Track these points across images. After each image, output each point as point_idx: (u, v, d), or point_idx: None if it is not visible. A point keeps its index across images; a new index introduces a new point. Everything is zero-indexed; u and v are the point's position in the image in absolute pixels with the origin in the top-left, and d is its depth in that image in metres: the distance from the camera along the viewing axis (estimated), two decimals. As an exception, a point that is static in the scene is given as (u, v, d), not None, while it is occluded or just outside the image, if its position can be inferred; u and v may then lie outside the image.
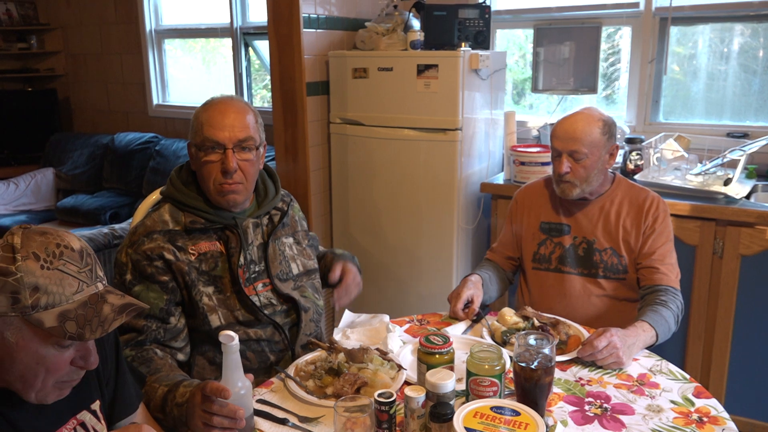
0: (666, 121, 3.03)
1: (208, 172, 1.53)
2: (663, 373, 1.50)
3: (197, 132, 1.54)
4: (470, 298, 1.80)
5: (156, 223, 1.54)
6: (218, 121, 1.52)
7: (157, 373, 1.41)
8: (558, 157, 1.87)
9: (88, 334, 0.96)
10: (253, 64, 4.26)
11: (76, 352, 1.00)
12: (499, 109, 3.08)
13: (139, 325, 1.48)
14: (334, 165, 3.14)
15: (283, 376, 1.47)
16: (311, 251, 1.78)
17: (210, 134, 1.51)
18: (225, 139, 1.51)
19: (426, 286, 2.94)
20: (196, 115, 1.56)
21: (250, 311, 1.56)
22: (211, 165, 1.53)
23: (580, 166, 1.84)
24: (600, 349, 1.49)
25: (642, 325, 1.61)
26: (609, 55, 3.15)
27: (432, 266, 2.91)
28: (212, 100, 1.57)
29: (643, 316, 1.65)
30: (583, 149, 1.82)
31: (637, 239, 1.87)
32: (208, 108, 1.55)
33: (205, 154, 1.52)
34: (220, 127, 1.51)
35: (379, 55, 2.87)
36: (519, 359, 1.30)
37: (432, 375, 1.25)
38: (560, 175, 1.86)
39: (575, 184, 1.86)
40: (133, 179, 4.45)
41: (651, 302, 1.72)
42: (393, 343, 1.59)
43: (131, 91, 4.80)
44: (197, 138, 1.54)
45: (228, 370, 1.22)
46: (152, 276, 1.49)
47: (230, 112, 1.53)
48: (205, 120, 1.53)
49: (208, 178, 1.54)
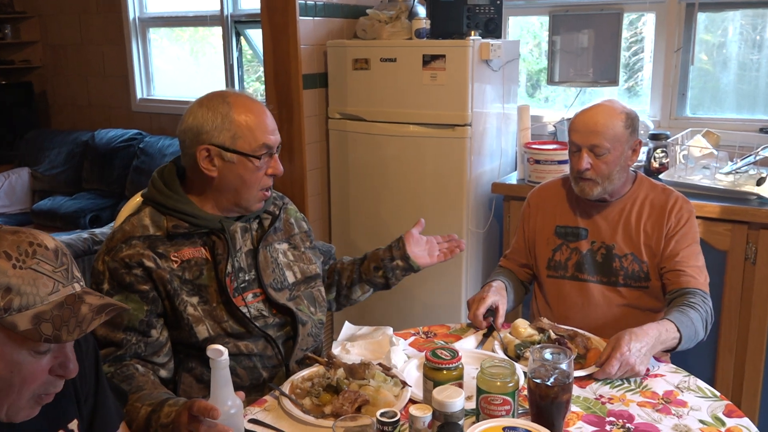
0: (693, 115, 3.03)
1: (257, 179, 1.56)
2: (691, 390, 1.50)
3: (242, 136, 1.51)
4: (495, 305, 1.79)
5: (135, 228, 1.53)
6: (266, 123, 1.55)
7: (140, 391, 1.40)
8: (577, 152, 1.87)
9: (65, 335, 0.96)
10: (245, 55, 4.26)
11: (53, 359, 1.01)
12: (512, 102, 3.08)
13: (118, 339, 1.48)
14: (333, 164, 3.14)
15: (277, 394, 1.47)
16: (313, 254, 1.78)
17: (266, 139, 1.54)
18: (276, 143, 1.56)
19: (432, 296, 2.94)
20: (223, 115, 1.51)
21: (239, 323, 1.56)
22: (261, 172, 1.56)
23: (602, 162, 1.84)
24: (614, 373, 1.50)
25: (664, 323, 1.60)
26: (631, 43, 3.14)
27: (439, 274, 2.91)
28: (237, 97, 1.54)
29: (668, 315, 1.64)
30: (605, 143, 1.82)
31: (659, 242, 1.87)
32: (245, 109, 1.53)
33: (260, 159, 1.54)
34: (270, 130, 1.55)
35: (382, 45, 2.87)
36: (534, 375, 1.30)
37: (439, 392, 1.25)
38: (579, 172, 1.86)
39: (596, 181, 1.86)
40: (115, 180, 4.46)
41: (678, 303, 1.72)
42: (397, 358, 1.59)
43: (113, 84, 4.81)
44: (243, 143, 1.52)
45: (217, 388, 1.21)
46: (131, 285, 1.49)
47: (266, 112, 1.57)
48: (255, 124, 1.53)
49: (254, 185, 1.56)
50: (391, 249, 1.83)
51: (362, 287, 1.86)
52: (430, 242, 1.86)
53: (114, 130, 4.64)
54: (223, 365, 1.21)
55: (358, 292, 1.86)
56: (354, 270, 1.85)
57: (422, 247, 1.85)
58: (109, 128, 4.70)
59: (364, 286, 1.86)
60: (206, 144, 1.52)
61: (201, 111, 1.53)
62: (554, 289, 1.99)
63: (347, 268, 1.87)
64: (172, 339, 1.55)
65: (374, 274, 1.83)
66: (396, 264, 1.82)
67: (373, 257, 1.85)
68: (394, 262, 1.82)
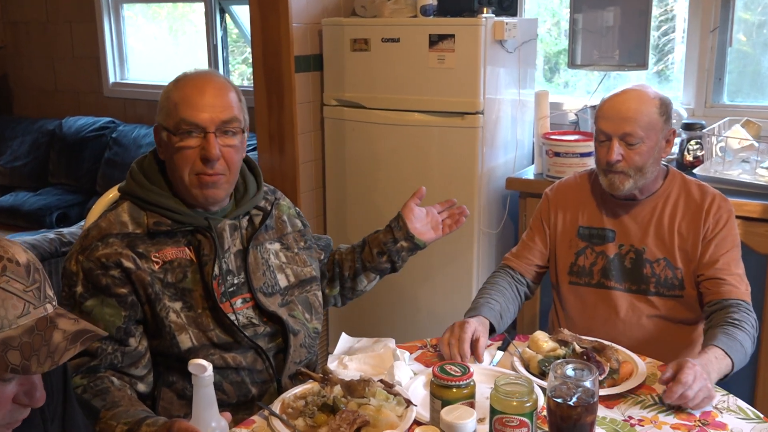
0: (731, 102, 3.02)
1: (184, 160, 1.54)
2: (731, 410, 1.49)
3: (170, 113, 1.54)
4: (475, 335, 1.69)
5: (112, 224, 1.54)
6: (197, 99, 1.53)
7: (115, 408, 1.40)
8: (606, 142, 1.86)
9: (35, 366, 0.95)
10: (230, 34, 4.26)
11: (19, 387, 0.99)
12: (529, 88, 3.07)
13: (92, 348, 1.48)
14: (329, 156, 3.13)
15: (267, 414, 1.46)
16: (308, 255, 1.77)
17: (187, 115, 1.52)
18: (206, 121, 1.53)
19: (440, 304, 2.93)
20: (166, 93, 1.57)
21: (227, 332, 1.56)
22: (188, 152, 1.53)
23: (635, 153, 1.82)
24: (690, 383, 1.43)
25: (715, 351, 1.59)
26: (662, 22, 3.14)
27: (447, 279, 2.90)
28: (186, 75, 1.59)
29: (715, 340, 1.63)
30: (639, 132, 1.81)
31: (695, 247, 1.86)
32: (183, 84, 1.56)
33: (181, 139, 1.53)
34: (200, 106, 1.53)
35: (384, 24, 2.86)
36: (554, 394, 1.29)
37: (448, 413, 1.25)
38: (609, 164, 1.85)
39: (628, 174, 1.84)
40: (84, 173, 4.45)
41: (721, 322, 1.71)
42: (401, 374, 1.58)
43: (83, 66, 4.80)
44: (170, 120, 1.54)
45: (200, 407, 1.21)
46: (108, 288, 1.49)
47: (209, 88, 1.55)
48: (180, 98, 1.54)
49: (182, 167, 1.54)
50: (392, 230, 1.83)
51: (368, 276, 1.87)
52: (430, 213, 1.87)
53: (84, 117, 4.63)
54: (207, 382, 1.21)
55: (363, 281, 1.87)
56: (355, 259, 1.86)
57: (424, 221, 1.85)
58: (79, 116, 4.69)
59: (369, 275, 1.87)
60: (156, 123, 1.58)
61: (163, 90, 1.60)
62: (576, 297, 1.98)
63: (347, 258, 1.87)
64: (151, 349, 1.55)
65: (378, 260, 1.84)
66: (400, 246, 1.82)
67: (373, 242, 1.85)
68: (398, 244, 1.82)
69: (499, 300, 1.89)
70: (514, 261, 2.05)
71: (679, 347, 1.91)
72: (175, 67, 4.99)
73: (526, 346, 1.69)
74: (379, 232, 1.86)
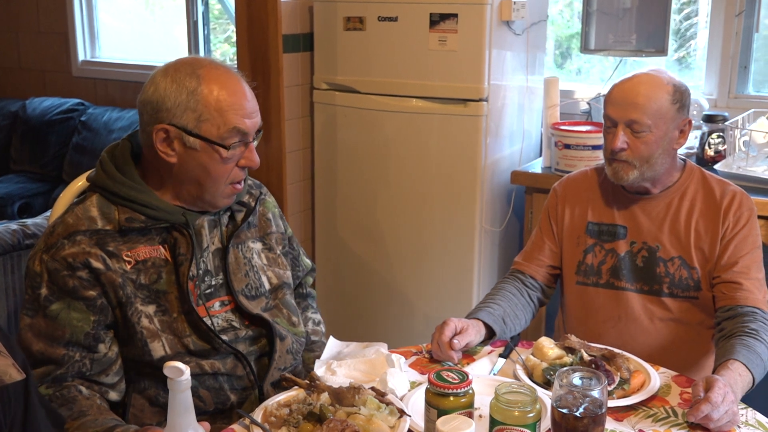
0: (757, 93, 3.03)
1: (225, 171, 1.55)
2: (749, 424, 1.50)
3: (210, 118, 1.50)
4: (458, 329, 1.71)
5: (80, 220, 1.53)
6: (243, 104, 1.53)
7: (82, 418, 1.41)
8: (612, 128, 1.88)
9: None
10: (211, 10, 4.25)
11: None
12: (538, 74, 3.08)
13: (58, 355, 1.48)
14: (318, 145, 3.13)
15: (248, 423, 1.47)
16: (286, 261, 1.79)
17: (239, 123, 1.52)
18: (250, 128, 1.55)
19: (437, 306, 2.94)
20: (197, 93, 1.49)
21: (203, 338, 1.56)
22: (231, 163, 1.55)
23: (641, 142, 1.84)
24: (719, 404, 1.42)
25: (738, 367, 1.59)
26: (684, 5, 3.15)
27: (446, 280, 2.92)
28: (209, 70, 1.52)
29: (734, 354, 1.63)
30: (646, 120, 1.83)
31: (713, 246, 1.87)
32: (220, 85, 1.51)
33: (227, 150, 1.52)
34: (246, 113, 1.53)
35: (380, 1, 2.86)
36: (560, 404, 1.30)
37: (444, 423, 1.25)
38: (613, 152, 1.86)
39: (632, 164, 1.86)
40: (50, 160, 4.44)
41: (737, 332, 1.72)
42: (396, 381, 1.59)
43: (50, 43, 4.79)
44: (209, 126, 1.50)
45: (175, 413, 1.22)
46: (75, 290, 1.49)
47: (246, 90, 1.55)
48: (227, 104, 1.51)
49: (220, 178, 1.55)
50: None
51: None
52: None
53: (50, 98, 4.61)
54: (183, 387, 1.21)
55: None
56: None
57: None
58: (44, 96, 4.68)
59: None
60: (165, 124, 1.51)
61: (165, 82, 1.51)
62: (584, 299, 1.99)
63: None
64: (122, 355, 1.56)
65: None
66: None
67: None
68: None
69: (501, 304, 1.90)
70: (523, 264, 2.06)
71: (695, 353, 1.93)
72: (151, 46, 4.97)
73: (530, 354, 1.70)
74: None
